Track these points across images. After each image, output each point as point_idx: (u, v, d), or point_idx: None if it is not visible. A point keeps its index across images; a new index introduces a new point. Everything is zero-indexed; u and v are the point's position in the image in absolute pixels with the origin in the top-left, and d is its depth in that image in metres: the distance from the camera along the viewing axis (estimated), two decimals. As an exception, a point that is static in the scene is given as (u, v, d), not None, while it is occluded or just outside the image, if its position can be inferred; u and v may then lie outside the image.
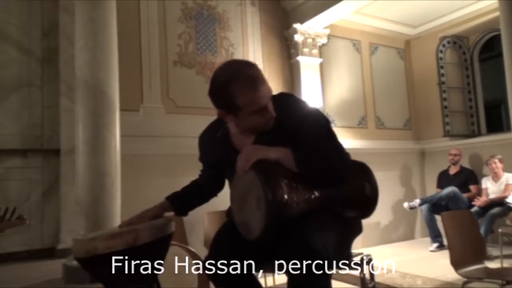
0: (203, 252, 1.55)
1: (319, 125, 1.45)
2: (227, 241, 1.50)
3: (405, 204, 5.10)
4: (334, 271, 1.35)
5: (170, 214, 1.64)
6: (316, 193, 1.38)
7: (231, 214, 1.52)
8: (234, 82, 1.35)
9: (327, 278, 1.26)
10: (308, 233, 1.28)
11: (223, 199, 1.77)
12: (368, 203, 1.54)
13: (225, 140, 1.55)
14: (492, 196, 4.66)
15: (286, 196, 1.30)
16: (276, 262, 1.40)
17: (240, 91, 1.35)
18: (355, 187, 1.50)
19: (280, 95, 1.53)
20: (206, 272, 1.48)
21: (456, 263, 2.55)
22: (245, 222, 1.39)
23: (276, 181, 1.31)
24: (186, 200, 1.68)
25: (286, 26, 5.09)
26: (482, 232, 3.95)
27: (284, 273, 1.28)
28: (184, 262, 1.97)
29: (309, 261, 1.21)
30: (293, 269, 1.24)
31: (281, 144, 1.40)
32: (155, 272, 1.47)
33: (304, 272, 1.21)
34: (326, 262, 1.24)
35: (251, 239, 1.34)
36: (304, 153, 1.37)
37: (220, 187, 1.74)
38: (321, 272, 1.23)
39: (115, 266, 1.33)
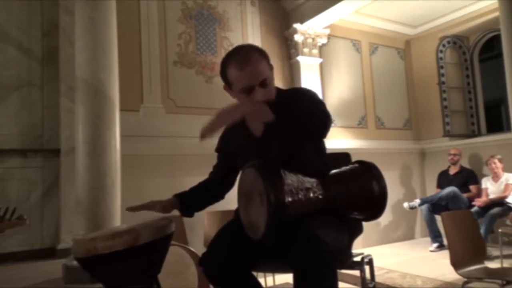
0: (203, 252, 1.54)
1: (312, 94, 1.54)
2: (228, 241, 1.50)
3: (405, 204, 5.10)
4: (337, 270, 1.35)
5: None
6: (320, 194, 1.38)
7: (237, 213, 1.52)
8: (227, 57, 1.51)
9: (334, 275, 1.26)
10: (314, 228, 1.28)
11: (223, 200, 1.77)
12: (375, 205, 1.50)
13: (242, 125, 1.57)
14: (492, 196, 4.66)
15: (286, 187, 1.30)
16: (281, 262, 1.39)
17: (229, 67, 1.49)
18: (361, 188, 1.47)
19: (289, 89, 1.65)
20: (205, 271, 1.48)
21: (456, 263, 2.55)
22: (251, 220, 1.39)
23: (277, 175, 1.32)
24: (193, 201, 1.68)
25: (286, 26, 5.09)
26: (482, 232, 3.95)
27: (290, 270, 1.28)
28: (184, 262, 1.97)
29: (317, 254, 1.21)
30: (301, 263, 1.23)
31: (285, 135, 1.43)
32: (155, 272, 1.47)
33: (311, 265, 1.21)
34: (332, 255, 1.24)
35: (258, 237, 1.33)
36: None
37: (230, 185, 1.73)
38: (328, 265, 1.23)
39: (115, 266, 1.33)
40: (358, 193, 1.47)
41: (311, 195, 1.36)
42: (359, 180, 1.48)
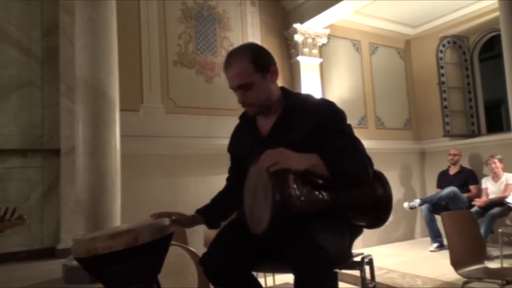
0: (203, 252, 1.55)
1: (344, 131, 1.52)
2: (228, 241, 1.50)
3: (405, 204, 5.10)
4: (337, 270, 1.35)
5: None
6: (325, 196, 1.38)
7: (238, 213, 1.52)
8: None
9: (333, 277, 1.27)
10: (314, 232, 1.28)
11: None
12: (380, 212, 1.49)
13: (251, 122, 1.63)
14: (492, 196, 4.66)
15: (291, 184, 1.30)
16: (281, 262, 1.39)
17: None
18: (367, 194, 1.47)
19: (297, 93, 1.72)
20: (205, 271, 1.48)
21: (456, 263, 2.55)
22: (254, 216, 1.39)
23: (283, 171, 1.32)
24: (216, 212, 1.69)
25: (286, 26, 5.09)
26: (482, 232, 3.95)
27: (290, 270, 1.28)
28: (184, 262, 1.97)
29: (316, 259, 1.21)
30: (300, 267, 1.23)
31: (299, 135, 1.46)
32: (155, 272, 1.47)
33: (311, 270, 1.21)
34: (332, 260, 1.24)
35: (260, 233, 1.33)
36: (334, 161, 1.38)
37: None
38: (327, 270, 1.23)
39: (115, 266, 1.33)
40: (363, 197, 1.47)
41: (316, 194, 1.36)
42: (366, 184, 1.48)
